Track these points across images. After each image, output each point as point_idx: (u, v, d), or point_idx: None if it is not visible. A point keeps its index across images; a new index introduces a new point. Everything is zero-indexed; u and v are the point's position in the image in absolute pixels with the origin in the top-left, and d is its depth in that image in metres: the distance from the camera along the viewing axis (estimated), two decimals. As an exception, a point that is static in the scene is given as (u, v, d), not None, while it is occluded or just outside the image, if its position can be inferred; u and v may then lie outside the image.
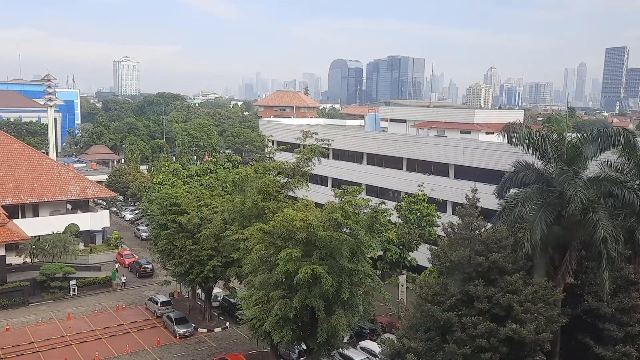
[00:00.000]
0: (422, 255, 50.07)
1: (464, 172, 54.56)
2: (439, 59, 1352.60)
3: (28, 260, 56.91)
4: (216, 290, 50.28)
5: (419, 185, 53.79)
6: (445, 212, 54.79)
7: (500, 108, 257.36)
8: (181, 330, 44.80)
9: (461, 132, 65.52)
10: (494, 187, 29.99)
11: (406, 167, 61.54)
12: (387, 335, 38.34)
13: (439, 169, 57.53)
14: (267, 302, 30.83)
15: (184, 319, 46.21)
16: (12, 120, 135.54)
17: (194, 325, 46.22)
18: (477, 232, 28.03)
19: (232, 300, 47.98)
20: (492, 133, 58.51)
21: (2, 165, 62.70)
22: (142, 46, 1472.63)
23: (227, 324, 47.76)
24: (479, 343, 24.79)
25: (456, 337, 25.51)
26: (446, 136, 65.44)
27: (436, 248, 29.81)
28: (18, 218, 59.84)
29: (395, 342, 27.98)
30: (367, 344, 40.81)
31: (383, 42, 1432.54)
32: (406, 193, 56.09)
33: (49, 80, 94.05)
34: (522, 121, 40.52)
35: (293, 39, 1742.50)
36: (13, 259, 55.62)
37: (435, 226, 50.93)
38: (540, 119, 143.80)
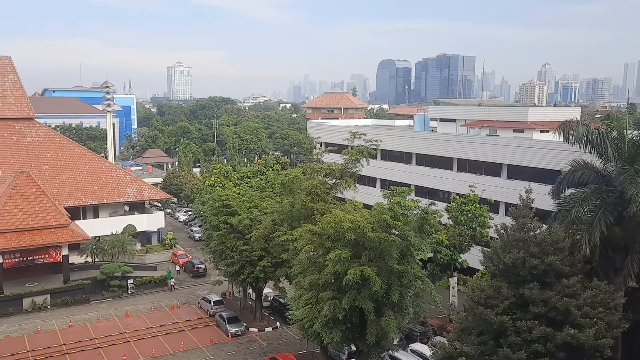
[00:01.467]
0: (473, 257, 49.11)
1: (517, 172, 53.13)
2: (490, 56, 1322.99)
3: (89, 259, 59.53)
4: (266, 290, 50.99)
5: (470, 186, 52.78)
6: (498, 214, 53.48)
7: (555, 105, 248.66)
8: (233, 329, 45.66)
9: (514, 130, 63.79)
10: (550, 187, 29.17)
11: (457, 168, 60.49)
12: (438, 338, 37.94)
13: (491, 169, 56.27)
14: (316, 302, 30.99)
15: (235, 318, 47.10)
16: (73, 125, 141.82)
17: (245, 324, 47.01)
18: (531, 233, 27.28)
19: (282, 300, 48.54)
20: (547, 131, 56.79)
21: (65, 169, 65.79)
22: (193, 52, 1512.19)
23: (278, 323, 48.33)
24: (535, 348, 24.11)
25: (510, 341, 24.90)
26: (498, 135, 63.90)
27: (488, 250, 29.18)
28: (79, 219, 62.66)
29: (447, 345, 27.59)
30: (418, 346, 40.36)
31: (431, 41, 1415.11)
32: (457, 194, 55.14)
33: (107, 87, 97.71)
34: (579, 118, 39.08)
35: (340, 41, 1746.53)
36: (75, 259, 58.25)
37: (487, 227, 49.83)
38: (599, 116, 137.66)
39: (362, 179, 56.50)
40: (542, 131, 61.13)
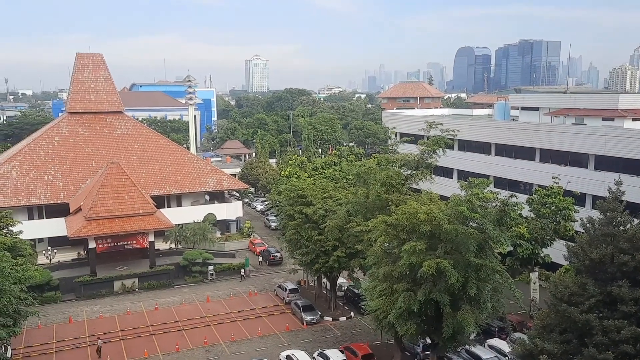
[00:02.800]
0: (556, 252, 47.05)
1: (606, 163, 50.18)
2: (577, 41, 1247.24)
3: (173, 246, 62.66)
4: (341, 280, 51.44)
5: (553, 177, 50.43)
6: (584, 207, 50.82)
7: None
8: (308, 318, 46.51)
9: (603, 119, 60.09)
10: (642, 179, 27.26)
11: (539, 158, 57.98)
12: (517, 334, 36.73)
13: (577, 159, 53.45)
14: (390, 294, 30.95)
15: (310, 307, 47.93)
16: (158, 118, 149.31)
17: (319, 313, 47.72)
18: (621, 228, 25.76)
19: (356, 290, 48.80)
20: (641, 119, 53.09)
21: (151, 160, 69.48)
22: (269, 46, 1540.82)
23: (352, 313, 48.67)
24: (623, 349, 22.83)
25: (596, 340, 23.70)
26: (585, 124, 60.49)
27: (573, 245, 27.82)
28: (164, 208, 66.02)
29: (527, 342, 26.69)
30: (496, 342, 39.32)
31: (512, 27, 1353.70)
32: (539, 185, 52.90)
33: (189, 81, 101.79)
34: (677, 105, 36.18)
35: (415, 30, 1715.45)
36: (160, 245, 61.56)
37: (572, 221, 47.45)
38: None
39: (438, 170, 55.40)
40: (634, 119, 57.25)
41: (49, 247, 59.51)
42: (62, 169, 64.68)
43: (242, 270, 59.02)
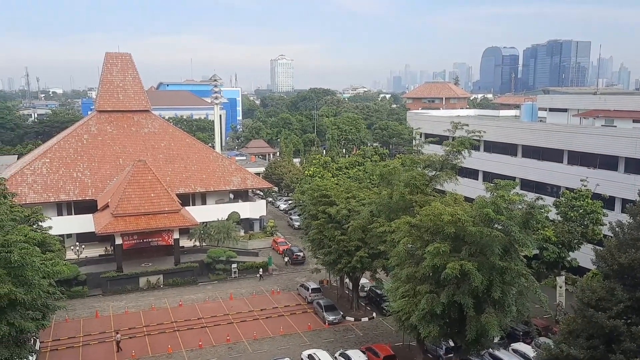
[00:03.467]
0: (584, 256, 46.17)
1: (636, 166, 49.09)
2: (608, 41, 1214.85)
3: (197, 243, 63.36)
4: (363, 280, 51.35)
5: (582, 180, 49.51)
6: (613, 210, 49.74)
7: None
8: (330, 317, 46.53)
9: (634, 121, 58.72)
10: (675, 182, 26.57)
11: (567, 160, 56.95)
12: (542, 339, 36.24)
13: (606, 162, 52.34)
14: (413, 295, 30.79)
15: (332, 307, 47.95)
16: (184, 117, 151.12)
17: (342, 313, 47.71)
18: (652, 232, 25.11)
19: (378, 291, 48.65)
20: (674, 121, 51.73)
21: (176, 158, 70.40)
22: (294, 46, 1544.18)
23: (374, 314, 48.55)
24: (652, 356, 22.27)
25: (624, 347, 23.22)
26: (615, 126, 59.19)
27: (602, 249, 27.29)
28: (189, 206, 66.84)
29: (552, 346, 26.28)
30: (520, 346, 38.76)
31: (540, 27, 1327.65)
32: (567, 188, 51.94)
33: (215, 80, 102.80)
34: None
35: (441, 30, 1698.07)
36: (185, 242, 62.32)
37: (600, 225, 46.52)
38: None
39: (463, 171, 54.88)
40: (667, 121, 55.80)
41: (77, 243, 60.83)
42: (90, 167, 66.00)
43: (260, 270, 58.83)
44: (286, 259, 64.33)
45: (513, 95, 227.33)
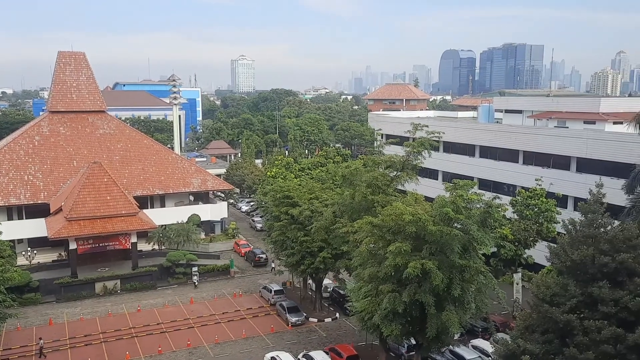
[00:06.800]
0: (539, 253, 47.48)
1: (587, 166, 50.82)
2: (560, 44, 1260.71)
3: (156, 247, 62.08)
4: (326, 281, 51.37)
5: (536, 180, 50.94)
6: (566, 208, 51.42)
7: (630, 95, 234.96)
8: (293, 319, 46.36)
9: (585, 122, 60.90)
10: (623, 181, 27.60)
11: (522, 160, 58.55)
12: (500, 334, 36.95)
13: (559, 162, 54.07)
14: (376, 295, 30.97)
15: (296, 308, 47.79)
16: (142, 117, 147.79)
17: (305, 314, 47.61)
18: (602, 230, 25.98)
19: (341, 291, 48.77)
20: (621, 123, 53.90)
21: (134, 160, 68.79)
22: (257, 46, 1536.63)
23: (337, 314, 48.64)
24: (604, 349, 23.02)
25: (577, 341, 23.90)
26: (567, 127, 61.21)
27: (555, 246, 28.06)
28: (147, 208, 65.39)
29: (510, 342, 26.81)
30: (479, 342, 39.57)
31: (498, 30, 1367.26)
32: (522, 187, 53.37)
33: (173, 80, 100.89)
34: (657, 109, 36.70)
35: (403, 32, 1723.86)
36: (143, 246, 60.93)
37: (554, 223, 47.97)
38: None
39: (423, 172, 55.71)
40: (615, 122, 58.11)
41: (29, 248, 58.53)
42: (42, 169, 63.76)
43: (194, 277, 55.96)
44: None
45: (470, 97, 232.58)
